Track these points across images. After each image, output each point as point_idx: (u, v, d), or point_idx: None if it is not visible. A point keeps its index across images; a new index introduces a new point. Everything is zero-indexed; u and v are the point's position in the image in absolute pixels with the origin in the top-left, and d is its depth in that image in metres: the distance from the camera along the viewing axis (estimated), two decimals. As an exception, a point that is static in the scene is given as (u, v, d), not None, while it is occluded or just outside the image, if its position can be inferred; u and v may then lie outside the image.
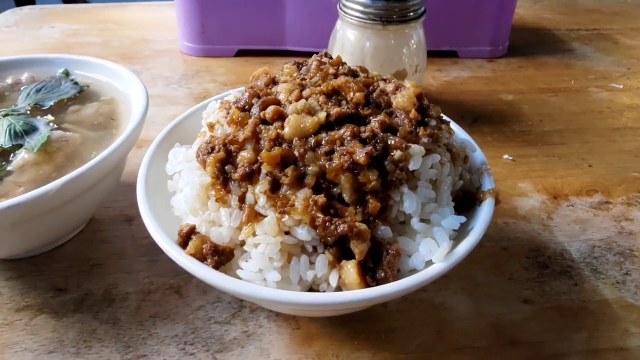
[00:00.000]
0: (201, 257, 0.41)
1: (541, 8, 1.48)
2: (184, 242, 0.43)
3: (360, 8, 0.77)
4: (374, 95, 0.49)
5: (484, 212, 0.46)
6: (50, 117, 0.62)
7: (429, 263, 0.42)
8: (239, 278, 0.41)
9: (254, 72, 0.58)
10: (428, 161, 0.45)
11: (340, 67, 0.54)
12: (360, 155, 0.41)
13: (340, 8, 0.81)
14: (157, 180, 0.51)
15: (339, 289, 0.41)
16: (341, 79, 0.49)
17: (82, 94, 0.68)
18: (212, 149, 0.44)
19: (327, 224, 0.39)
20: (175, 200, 0.48)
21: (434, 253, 0.41)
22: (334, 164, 0.41)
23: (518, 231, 0.68)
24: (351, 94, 0.48)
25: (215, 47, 1.13)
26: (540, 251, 0.65)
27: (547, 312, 0.56)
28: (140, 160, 0.53)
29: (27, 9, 1.42)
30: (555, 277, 0.61)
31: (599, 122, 0.93)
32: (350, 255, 0.41)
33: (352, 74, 0.53)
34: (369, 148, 0.41)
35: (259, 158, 0.43)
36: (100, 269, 0.60)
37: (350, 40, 0.81)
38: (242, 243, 0.42)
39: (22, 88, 0.68)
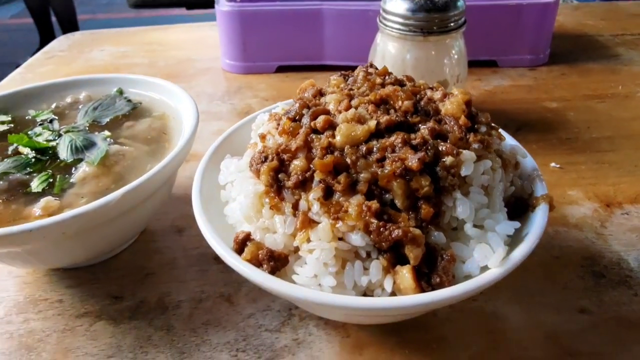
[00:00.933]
0: (257, 263, 0.42)
1: (582, 14, 1.45)
2: (239, 248, 0.44)
3: (401, 20, 0.78)
4: (422, 103, 0.50)
5: (539, 218, 0.45)
6: (107, 132, 0.65)
7: (484, 269, 0.41)
8: (294, 283, 0.41)
9: (300, 85, 0.59)
10: (480, 167, 0.44)
11: (387, 77, 0.54)
12: (413, 161, 0.41)
13: (380, 21, 0.82)
14: (210, 191, 0.52)
15: (393, 294, 0.41)
16: (389, 88, 0.50)
17: (136, 111, 0.71)
18: (266, 158, 0.46)
19: (381, 229, 0.40)
20: (229, 209, 0.49)
21: (489, 258, 0.41)
22: (386, 171, 0.42)
23: (570, 239, 0.66)
24: (399, 102, 0.48)
25: (256, 64, 1.16)
26: (595, 260, 0.63)
27: (607, 323, 0.54)
28: (189, 174, 0.55)
29: (78, 34, 1.51)
30: (613, 287, 0.59)
31: (651, 128, 0.90)
32: (404, 261, 0.41)
33: (399, 83, 0.53)
34: (421, 154, 0.42)
35: (311, 166, 0.44)
36: (154, 277, 0.62)
37: (390, 52, 0.82)
38: (297, 249, 0.43)
39: (80, 106, 0.72)
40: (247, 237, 0.44)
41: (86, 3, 5.81)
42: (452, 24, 0.78)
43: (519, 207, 0.49)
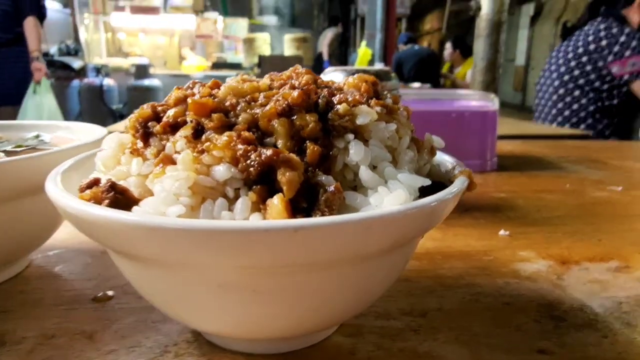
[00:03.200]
0: (98, 204, 0.33)
1: (529, 145, 1.54)
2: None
3: (335, 88, 0.80)
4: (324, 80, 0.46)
5: (457, 182, 0.38)
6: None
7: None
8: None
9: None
10: (381, 125, 0.39)
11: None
12: (295, 93, 0.36)
13: (318, 95, 0.84)
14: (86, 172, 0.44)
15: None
16: (289, 70, 0.47)
17: (44, 145, 0.66)
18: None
19: (249, 153, 0.32)
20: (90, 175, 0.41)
21: (386, 200, 0.33)
22: (266, 110, 0.36)
23: (523, 289, 0.56)
24: (301, 78, 0.45)
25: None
26: (554, 306, 0.52)
27: None
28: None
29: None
30: (577, 329, 0.47)
31: (603, 210, 0.86)
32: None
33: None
34: (304, 89, 0.37)
35: (187, 113, 0.38)
36: (5, 315, 0.49)
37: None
38: (151, 194, 0.34)
39: (-17, 140, 0.67)
40: (95, 182, 0.35)
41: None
42: (386, 93, 0.80)
43: (436, 188, 0.41)
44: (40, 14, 3.96)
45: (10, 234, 0.51)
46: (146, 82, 7.02)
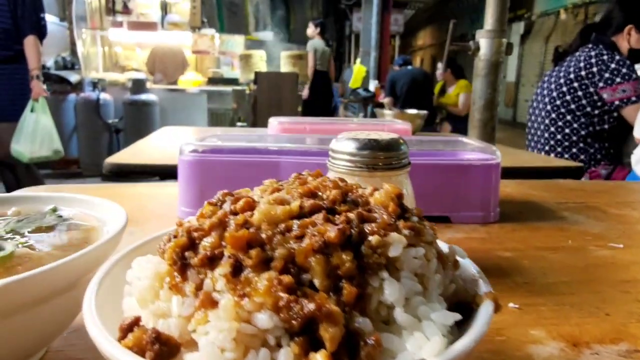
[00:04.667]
0: (141, 352, 0.34)
1: (526, 187, 1.56)
2: (124, 336, 0.36)
3: (348, 157, 0.81)
4: (352, 195, 0.48)
5: (482, 313, 0.40)
6: (20, 239, 0.59)
7: (420, 365, 0.34)
8: (182, 377, 0.33)
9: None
10: (411, 252, 0.40)
11: (320, 177, 0.53)
12: (332, 232, 0.37)
13: (330, 161, 0.85)
14: (118, 291, 0.45)
15: (308, 393, 0.32)
16: (318, 180, 0.48)
17: (64, 225, 0.67)
18: (175, 237, 0.41)
19: (291, 304, 0.33)
20: (126, 302, 0.42)
21: (424, 349, 0.34)
22: (303, 245, 0.37)
23: (537, 380, 0.57)
24: (328, 192, 0.47)
25: (211, 211, 1.15)
26: (569, 403, 0.53)
27: None
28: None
29: (42, 187, 1.52)
30: None
31: (606, 274, 0.88)
32: (320, 348, 0.33)
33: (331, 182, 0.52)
34: (341, 226, 0.38)
35: (223, 244, 0.39)
36: (29, 416, 0.49)
37: (339, 189, 0.83)
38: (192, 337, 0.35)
39: (2, 219, 0.67)
40: (136, 323, 0.36)
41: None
42: (395, 162, 0.82)
43: (462, 309, 0.43)
44: (41, 33, 3.97)
45: (31, 335, 0.52)
46: (143, 96, 7.02)
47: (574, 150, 3.16)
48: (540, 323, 0.70)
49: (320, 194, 0.47)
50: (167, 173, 2.10)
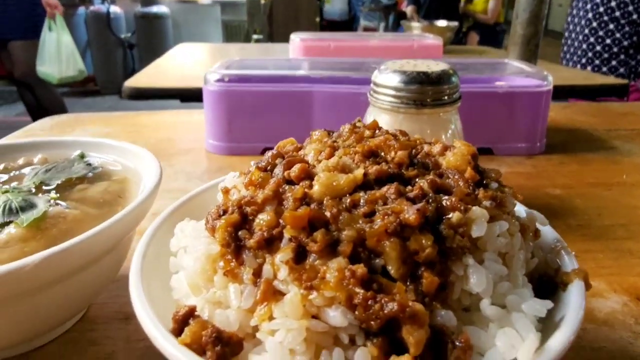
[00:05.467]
0: (199, 349, 0.31)
1: (572, 112, 1.46)
2: (179, 328, 0.32)
3: (393, 92, 0.73)
4: (419, 156, 0.42)
5: (574, 297, 0.35)
6: (53, 194, 0.56)
7: (511, 364, 0.30)
8: (248, 380, 0.29)
9: (279, 143, 0.52)
10: (494, 228, 0.35)
11: (377, 130, 0.47)
12: (410, 213, 0.32)
13: (371, 95, 0.78)
14: (161, 261, 0.42)
15: (387, 399, 0.29)
16: (380, 138, 0.42)
17: (94, 175, 0.63)
18: (225, 211, 0.36)
19: (369, 301, 0.29)
20: (175, 280, 0.38)
21: (517, 348, 0.30)
22: (375, 227, 0.32)
23: (601, 339, 0.54)
24: (392, 153, 0.40)
25: (240, 145, 1.10)
26: (637, 366, 0.50)
27: None
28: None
29: (64, 116, 1.48)
30: (665, 400, 0.46)
31: (667, 216, 0.82)
32: (400, 349, 0.30)
33: (391, 136, 0.46)
34: (420, 204, 0.32)
35: (281, 221, 0.34)
36: (83, 378, 0.49)
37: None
38: (255, 330, 0.32)
39: (30, 168, 0.63)
40: (191, 313, 0.33)
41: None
42: (446, 98, 0.74)
43: (544, 285, 0.38)
44: None
45: (73, 299, 0.50)
46: (154, 8, 6.71)
47: (614, 62, 2.95)
48: (599, 273, 0.66)
49: (382, 154, 0.41)
50: (188, 96, 2.04)
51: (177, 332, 0.32)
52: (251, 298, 0.32)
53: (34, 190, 0.58)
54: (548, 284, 0.38)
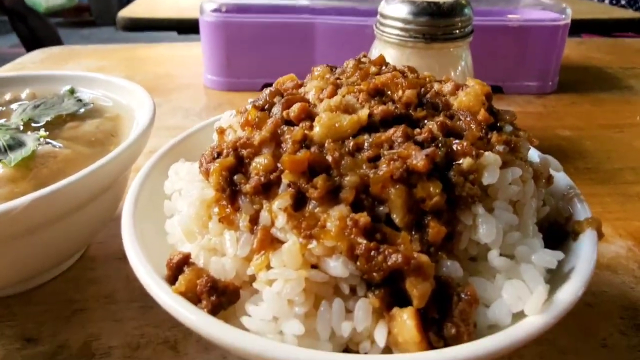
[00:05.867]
0: (194, 298, 0.30)
1: (587, 48, 1.39)
2: (173, 275, 0.31)
3: (401, 25, 0.69)
4: (428, 95, 0.39)
5: (586, 248, 0.33)
6: (42, 132, 0.53)
7: (516, 316, 0.29)
8: (245, 329, 0.29)
9: (278, 79, 0.48)
10: (507, 175, 0.33)
11: (384, 66, 0.44)
12: (418, 159, 0.30)
13: (377, 27, 0.73)
14: (155, 203, 0.40)
15: (387, 348, 0.28)
16: (386, 75, 0.39)
17: (85, 111, 0.60)
18: (219, 154, 0.34)
19: (372, 252, 0.28)
20: (169, 224, 0.37)
21: (524, 301, 0.29)
22: (380, 173, 0.30)
23: (603, 283, 0.54)
24: (400, 92, 0.37)
25: (240, 80, 1.06)
26: (638, 310, 0.50)
27: (666, 394, 0.41)
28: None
29: (56, 49, 1.42)
30: (663, 344, 0.46)
31: (680, 160, 0.80)
32: (403, 301, 0.28)
33: (399, 72, 0.43)
34: (429, 149, 0.30)
35: (279, 165, 0.32)
36: (83, 314, 0.49)
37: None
38: (252, 279, 0.31)
39: (18, 104, 0.60)
40: (185, 260, 0.31)
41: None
42: (457, 32, 0.69)
43: (554, 234, 0.37)
44: None
45: (70, 239, 0.49)
46: None
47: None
48: (605, 217, 0.64)
49: (389, 93, 0.38)
50: (185, 28, 1.95)
51: (171, 279, 0.31)
52: (247, 246, 0.30)
53: (22, 127, 0.55)
54: (558, 232, 0.37)
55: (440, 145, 0.32)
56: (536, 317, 0.28)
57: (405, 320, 0.27)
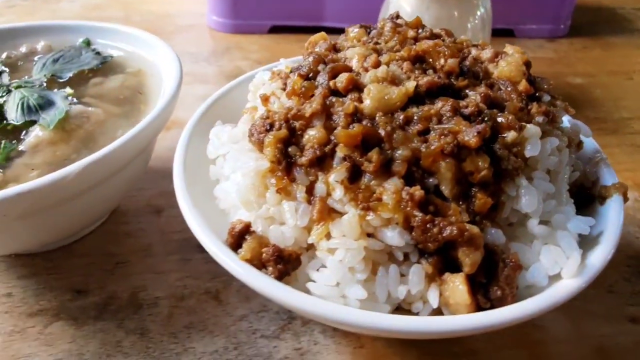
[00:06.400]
0: (259, 264, 0.32)
1: (599, -14, 1.35)
2: (235, 243, 0.34)
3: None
4: (467, 63, 0.39)
5: (613, 213, 0.36)
6: (69, 89, 0.53)
7: (552, 278, 0.32)
8: (307, 292, 0.31)
9: (310, 39, 0.48)
10: (546, 146, 0.35)
11: (421, 30, 0.44)
12: (470, 136, 0.31)
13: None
14: (195, 166, 0.42)
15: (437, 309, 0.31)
16: (428, 43, 0.39)
17: (106, 65, 0.59)
18: (271, 125, 0.35)
19: (427, 225, 0.30)
20: (221, 190, 0.38)
21: (560, 265, 0.32)
22: (432, 147, 0.32)
23: (610, 233, 0.57)
24: (442, 60, 0.38)
25: (247, 22, 1.03)
26: (642, 258, 0.54)
27: (664, 335, 0.46)
28: (170, 144, 0.44)
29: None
30: (665, 290, 0.51)
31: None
32: (450, 266, 0.31)
33: (436, 37, 0.43)
34: (480, 127, 0.31)
35: (332, 138, 0.33)
36: (125, 267, 0.52)
37: (406, 11, 0.71)
38: (310, 246, 0.33)
39: (37, 58, 0.59)
40: (246, 229, 0.34)
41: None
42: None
43: (582, 198, 0.39)
44: None
45: (106, 200, 0.50)
46: None
47: None
48: (615, 168, 0.67)
49: (430, 60, 0.39)
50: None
51: (234, 246, 0.34)
52: (306, 216, 0.33)
53: (45, 84, 0.55)
54: (585, 196, 0.39)
55: (486, 119, 0.33)
56: (572, 280, 0.31)
57: (458, 285, 0.30)
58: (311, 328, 0.46)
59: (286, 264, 0.31)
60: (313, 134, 0.33)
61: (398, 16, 0.48)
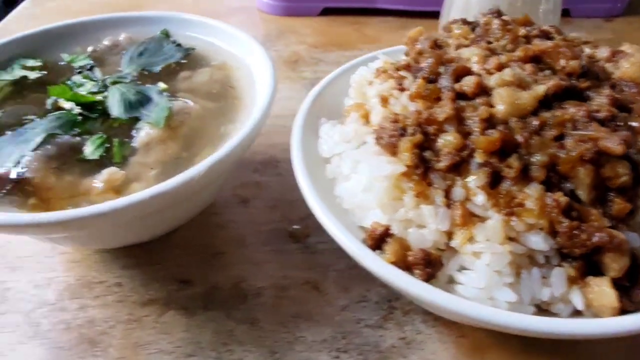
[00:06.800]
0: (403, 266, 0.34)
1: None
2: (375, 245, 0.35)
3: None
4: (585, 63, 0.39)
5: None
6: (162, 85, 0.54)
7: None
8: (451, 292, 0.33)
9: (410, 33, 0.48)
10: (675, 149, 0.35)
11: (530, 27, 0.44)
12: (614, 143, 0.32)
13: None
14: (310, 165, 0.43)
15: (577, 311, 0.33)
16: (547, 43, 0.39)
17: (189, 58, 0.60)
18: (403, 130, 0.36)
19: (574, 231, 0.31)
20: (344, 190, 0.40)
21: (696, 267, 0.33)
22: (572, 153, 0.32)
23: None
24: (562, 61, 0.38)
25: (298, 4, 1.02)
26: None
27: None
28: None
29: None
30: None
31: None
32: (592, 270, 0.32)
33: (546, 35, 0.43)
34: (624, 134, 0.32)
35: (468, 143, 0.34)
36: (223, 258, 0.54)
37: (476, -5, 0.70)
38: (448, 248, 0.34)
39: (123, 52, 0.60)
40: (386, 232, 0.35)
41: None
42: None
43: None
44: None
45: (215, 189, 0.52)
46: None
47: None
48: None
49: (549, 62, 0.39)
50: None
51: (374, 248, 0.35)
52: (447, 220, 0.34)
53: (137, 78, 0.56)
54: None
55: (621, 124, 0.34)
56: None
57: (604, 288, 0.31)
58: (412, 318, 0.48)
59: (433, 267, 0.33)
60: (449, 140, 0.34)
61: (499, 12, 0.47)
